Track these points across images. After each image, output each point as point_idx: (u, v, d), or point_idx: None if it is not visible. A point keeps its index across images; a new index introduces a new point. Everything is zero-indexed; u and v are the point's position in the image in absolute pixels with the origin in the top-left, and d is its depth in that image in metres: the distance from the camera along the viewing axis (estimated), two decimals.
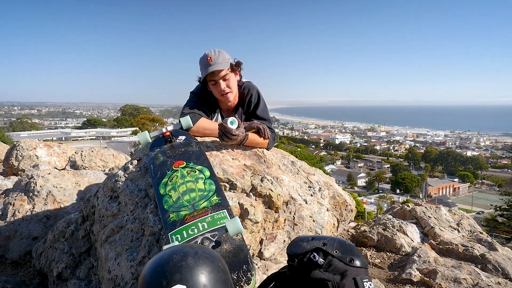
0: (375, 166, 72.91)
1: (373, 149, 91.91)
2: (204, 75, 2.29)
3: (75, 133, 62.49)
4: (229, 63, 2.31)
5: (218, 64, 2.25)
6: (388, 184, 58.11)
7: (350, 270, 1.31)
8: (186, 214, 1.70)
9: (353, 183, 60.07)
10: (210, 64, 2.25)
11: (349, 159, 79.33)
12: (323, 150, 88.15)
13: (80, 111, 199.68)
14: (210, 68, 2.24)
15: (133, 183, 2.12)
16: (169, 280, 0.94)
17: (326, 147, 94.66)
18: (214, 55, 2.27)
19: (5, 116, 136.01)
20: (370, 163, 76.73)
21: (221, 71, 2.27)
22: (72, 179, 3.53)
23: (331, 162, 73.29)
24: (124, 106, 79.78)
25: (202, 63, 2.31)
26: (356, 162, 77.48)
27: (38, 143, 6.58)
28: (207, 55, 2.28)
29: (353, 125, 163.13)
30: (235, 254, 1.50)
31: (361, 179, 62.82)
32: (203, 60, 2.30)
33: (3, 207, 3.18)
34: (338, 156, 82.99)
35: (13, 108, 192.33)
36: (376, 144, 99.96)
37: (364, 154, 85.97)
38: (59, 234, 2.41)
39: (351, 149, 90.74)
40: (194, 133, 2.32)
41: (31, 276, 2.65)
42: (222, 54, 2.31)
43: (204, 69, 2.28)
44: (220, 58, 2.28)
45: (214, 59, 2.26)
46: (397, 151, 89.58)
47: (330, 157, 79.07)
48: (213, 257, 1.05)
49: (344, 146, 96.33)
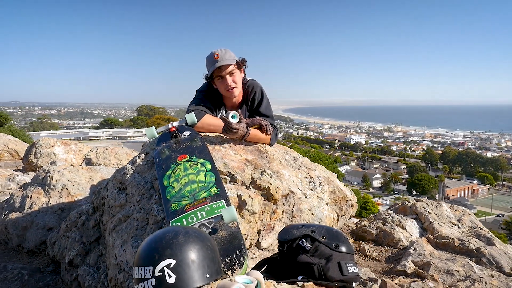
0: (391, 167, 72.04)
1: (389, 149, 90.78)
2: (212, 70, 2.40)
3: (92, 133, 63.70)
4: (235, 60, 2.42)
5: (225, 60, 2.37)
6: (404, 185, 57.33)
7: (335, 255, 1.40)
8: (187, 203, 1.81)
9: (368, 184, 59.49)
10: (217, 61, 2.36)
11: (364, 159, 78.58)
12: (338, 150, 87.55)
13: (98, 111, 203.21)
14: (217, 63, 2.35)
15: (140, 176, 2.24)
16: (160, 255, 1.05)
17: (341, 148, 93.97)
18: (221, 53, 2.39)
19: (26, 116, 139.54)
20: (386, 164, 75.86)
21: (228, 66, 2.38)
22: (85, 174, 3.69)
23: (346, 162, 72.74)
24: (140, 107, 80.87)
25: (209, 60, 2.43)
26: (371, 162, 76.71)
27: (56, 141, 6.83)
28: (214, 53, 2.40)
29: (369, 125, 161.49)
30: (230, 240, 1.60)
31: (376, 180, 62.16)
32: (210, 57, 2.41)
33: (21, 199, 3.36)
34: (353, 156, 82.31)
35: (34, 108, 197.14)
36: (392, 144, 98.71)
37: (380, 155, 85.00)
38: (71, 224, 2.56)
39: (366, 150, 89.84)
40: (199, 129, 2.43)
41: (45, 264, 2.80)
42: (228, 52, 2.43)
43: (212, 65, 2.39)
44: (227, 55, 2.40)
45: (221, 56, 2.37)
46: (414, 152, 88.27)
47: (345, 157, 78.49)
48: (202, 236, 1.15)
49: (359, 146, 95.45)
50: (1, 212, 3.37)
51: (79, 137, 55.25)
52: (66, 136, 48.01)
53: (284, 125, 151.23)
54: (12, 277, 2.57)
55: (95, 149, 6.51)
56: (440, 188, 52.79)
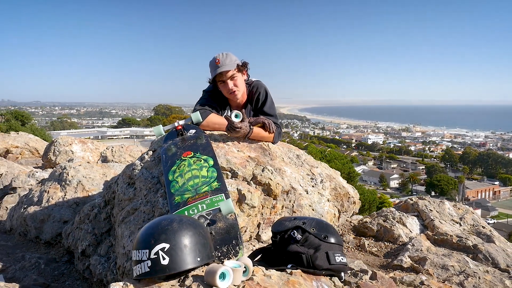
0: (409, 167, 71.02)
1: (407, 150, 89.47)
2: (213, 75, 2.51)
3: (110, 132, 64.91)
4: (235, 64, 2.51)
5: (226, 65, 2.46)
6: (422, 186, 56.40)
7: (324, 245, 1.48)
8: (189, 197, 1.92)
9: (385, 184, 58.77)
10: (219, 66, 2.47)
11: (381, 159, 77.67)
12: (355, 150, 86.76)
13: (116, 110, 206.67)
14: (218, 69, 2.46)
15: (147, 171, 2.37)
16: (156, 240, 1.15)
17: (358, 147, 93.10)
18: (222, 58, 2.49)
19: (46, 115, 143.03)
20: (404, 164, 74.81)
21: (228, 71, 2.48)
22: (100, 171, 3.86)
23: (363, 162, 72.04)
24: (157, 106, 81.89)
25: (211, 65, 2.53)
26: (389, 163, 75.76)
27: (74, 140, 7.08)
28: (215, 58, 2.50)
29: (387, 125, 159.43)
30: (227, 231, 1.70)
31: (394, 181, 61.36)
32: (212, 62, 2.52)
33: (39, 194, 3.54)
34: (370, 156, 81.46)
35: (54, 108, 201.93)
36: (410, 144, 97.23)
37: (398, 155, 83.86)
38: (84, 217, 2.71)
39: (384, 150, 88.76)
40: (204, 127, 2.54)
41: (61, 254, 2.96)
42: (229, 57, 2.52)
43: (213, 70, 2.50)
44: (227, 60, 2.49)
45: (222, 61, 2.47)
46: (433, 152, 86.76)
47: (362, 157, 77.74)
48: (195, 224, 1.26)
49: (376, 146, 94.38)
50: (21, 206, 3.56)
51: (98, 136, 56.38)
52: (85, 135, 49.08)
53: (300, 125, 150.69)
54: (29, 266, 2.74)
55: (111, 147, 6.72)
56: (460, 189, 51.79)
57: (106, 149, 6.65)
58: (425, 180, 57.48)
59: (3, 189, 4.77)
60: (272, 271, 1.37)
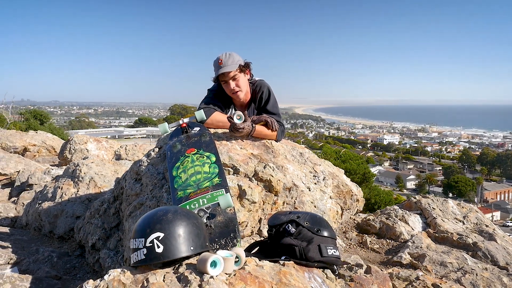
0: (425, 168, 70.00)
1: (423, 150, 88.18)
2: (216, 76, 2.57)
3: (127, 132, 65.86)
4: (237, 64, 2.57)
5: (228, 66, 2.53)
6: (439, 187, 55.50)
7: (316, 238, 1.54)
8: (191, 192, 1.99)
9: (402, 185, 58.03)
10: (221, 66, 2.53)
11: (397, 160, 76.71)
12: (370, 150, 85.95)
13: (133, 110, 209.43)
14: (220, 70, 2.53)
15: (153, 167, 2.45)
16: (151, 229, 1.23)
17: (373, 148, 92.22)
18: (224, 58, 2.55)
19: (65, 115, 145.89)
20: (420, 165, 73.78)
21: (229, 72, 2.54)
22: (111, 168, 3.98)
23: (379, 163, 71.31)
24: (173, 106, 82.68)
25: (215, 65, 2.60)
26: (405, 163, 74.80)
27: (89, 138, 7.26)
28: (218, 58, 2.57)
29: (403, 125, 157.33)
30: (226, 225, 1.77)
31: (410, 181, 60.56)
32: (215, 62, 2.58)
33: (53, 190, 3.67)
34: (386, 157, 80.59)
35: (73, 107, 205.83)
36: (427, 145, 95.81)
37: (414, 156, 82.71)
38: (95, 212, 2.81)
39: (400, 150, 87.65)
40: (208, 125, 2.61)
41: (73, 248, 3.07)
42: (232, 57, 2.58)
43: (216, 70, 2.57)
44: (230, 61, 2.55)
45: (224, 61, 2.54)
46: (450, 153, 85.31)
47: (377, 158, 76.96)
48: (190, 215, 1.32)
49: (392, 147, 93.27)
50: (36, 202, 3.70)
51: (115, 136, 57.22)
52: (102, 135, 49.91)
53: (315, 125, 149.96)
54: (43, 259, 2.85)
55: (125, 146, 6.88)
56: (478, 190, 50.80)
57: (120, 147, 6.80)
58: (442, 181, 56.57)
59: (20, 186, 4.94)
60: (265, 262, 1.43)
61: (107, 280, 1.21)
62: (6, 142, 7.21)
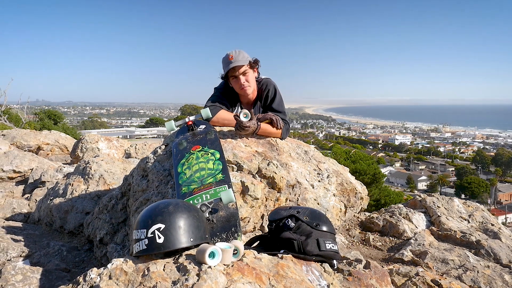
0: (438, 169, 69.13)
1: (436, 151, 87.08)
2: (226, 70, 2.62)
3: (138, 132, 66.48)
4: (247, 60, 2.62)
5: (238, 61, 2.58)
6: (452, 188, 54.72)
7: (315, 232, 1.57)
8: (195, 187, 2.04)
9: (413, 186, 57.39)
10: (231, 62, 2.58)
11: (409, 161, 75.93)
12: (382, 151, 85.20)
13: (144, 110, 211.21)
14: (231, 64, 2.57)
15: (160, 164, 2.51)
16: (153, 220, 1.28)
17: (384, 148, 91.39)
18: (235, 54, 2.60)
19: (78, 115, 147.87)
20: (432, 166, 72.89)
21: (241, 67, 2.59)
22: (120, 166, 4.06)
23: (390, 163, 70.67)
24: (183, 106, 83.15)
25: (224, 61, 2.65)
26: (417, 164, 73.99)
27: (100, 137, 7.39)
28: (228, 54, 2.62)
29: (415, 125, 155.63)
30: (227, 220, 1.81)
31: (421, 182, 59.86)
32: (225, 58, 2.63)
33: (64, 187, 3.76)
34: (397, 157, 79.81)
35: (85, 108, 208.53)
36: (440, 145, 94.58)
37: (426, 156, 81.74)
38: (103, 207, 2.88)
39: (411, 151, 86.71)
40: (214, 123, 2.66)
41: (82, 243, 3.15)
42: (241, 53, 2.63)
43: (226, 66, 2.61)
44: (240, 57, 2.60)
45: (235, 57, 2.59)
46: (463, 154, 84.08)
47: (388, 158, 76.27)
48: (190, 208, 1.37)
49: (404, 147, 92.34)
50: (48, 198, 3.80)
51: (126, 136, 57.81)
52: (113, 135, 50.45)
53: (325, 125, 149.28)
54: (53, 252, 2.94)
55: (135, 145, 6.98)
56: (492, 192, 49.99)
57: (130, 146, 6.91)
58: (454, 182, 55.79)
59: (33, 183, 5.06)
60: (263, 255, 1.47)
61: (110, 268, 1.27)
62: (21, 141, 7.38)
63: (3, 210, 4.22)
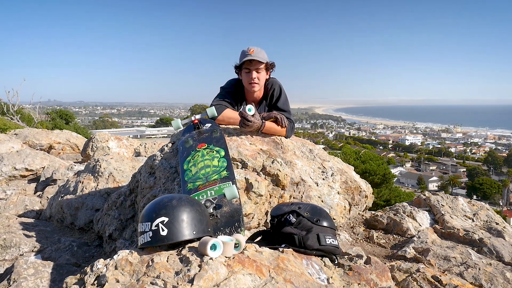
0: (449, 170, 68.39)
1: (447, 151, 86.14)
2: (243, 61, 2.64)
3: (149, 131, 67.00)
4: (265, 60, 2.67)
5: (258, 57, 2.62)
6: (463, 189, 54.09)
7: (316, 228, 1.61)
8: (200, 184, 2.09)
9: (424, 187, 56.83)
10: (251, 55, 2.62)
11: (420, 161, 75.25)
12: (392, 151, 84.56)
13: (154, 110, 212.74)
14: (250, 56, 2.61)
15: (166, 162, 2.57)
16: (157, 214, 1.33)
17: (395, 149, 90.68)
18: (256, 50, 2.66)
19: (89, 115, 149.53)
20: (443, 166, 72.14)
21: (257, 62, 2.63)
22: (129, 164, 4.13)
23: (400, 164, 70.11)
24: (193, 106, 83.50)
25: (243, 53, 2.69)
26: (427, 164, 73.30)
27: (110, 136, 7.51)
28: (250, 48, 2.66)
29: (426, 125, 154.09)
30: (231, 215, 1.86)
31: (432, 183, 59.28)
32: (245, 50, 2.68)
33: (74, 184, 3.85)
34: (407, 158, 79.15)
35: (96, 107, 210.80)
36: (451, 146, 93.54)
37: (437, 157, 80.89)
38: (112, 204, 2.95)
39: (422, 151, 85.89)
40: (219, 121, 2.71)
41: (92, 239, 3.23)
42: (262, 52, 2.69)
43: (244, 56, 2.65)
44: (260, 54, 2.66)
45: (255, 52, 2.64)
46: (475, 154, 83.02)
47: (399, 159, 75.67)
48: (193, 202, 1.42)
49: (414, 147, 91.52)
50: (59, 195, 3.89)
51: (137, 135, 58.29)
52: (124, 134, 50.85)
53: (335, 125, 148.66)
54: (64, 248, 3.02)
55: (144, 144, 7.08)
56: (504, 193, 49.30)
57: (140, 145, 7.01)
58: (466, 183, 55.15)
59: (45, 181, 5.18)
60: (264, 248, 1.51)
61: (116, 259, 1.32)
62: (33, 140, 7.53)
63: (16, 207, 4.33)
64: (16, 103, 15.61)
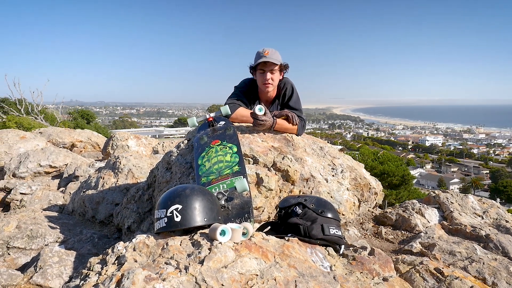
0: (471, 171, 66.87)
1: (469, 152, 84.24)
2: (258, 62, 2.75)
3: (167, 131, 67.93)
4: (280, 62, 2.77)
5: (272, 58, 2.73)
6: (486, 191, 52.76)
7: (320, 218, 1.70)
8: (213, 178, 2.21)
9: (445, 189, 55.57)
10: (266, 56, 2.73)
11: (440, 162, 73.84)
12: (411, 152, 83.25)
13: (172, 110, 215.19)
14: (265, 58, 2.71)
15: (182, 157, 2.70)
16: (172, 201, 1.45)
17: (414, 150, 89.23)
18: (271, 51, 2.76)
19: (109, 115, 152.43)
20: (465, 168, 70.59)
21: (272, 64, 2.74)
22: (148, 161, 4.30)
23: (420, 165, 68.95)
24: (211, 106, 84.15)
25: (258, 54, 2.79)
26: (448, 166, 71.86)
27: (129, 135, 7.73)
28: (265, 49, 2.77)
29: (447, 126, 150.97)
30: (242, 207, 1.97)
31: (454, 185, 58.07)
32: (260, 52, 2.78)
33: (96, 180, 4.04)
34: (428, 159, 77.80)
35: (116, 108, 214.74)
36: (473, 147, 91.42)
37: (459, 158, 79.20)
38: (131, 198, 3.11)
39: (443, 152, 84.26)
40: (233, 119, 2.83)
41: (112, 232, 3.39)
42: (277, 54, 2.79)
43: (259, 58, 2.75)
44: (275, 56, 2.76)
45: (270, 53, 2.74)
46: (498, 156, 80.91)
47: (419, 160, 74.42)
48: (205, 192, 1.54)
49: (435, 148, 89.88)
50: (81, 190, 4.08)
51: (155, 135, 59.16)
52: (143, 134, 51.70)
53: (353, 126, 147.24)
54: (85, 239, 3.19)
55: (162, 143, 7.28)
56: None
57: (158, 144, 7.21)
58: (489, 186, 53.79)
59: (67, 177, 5.41)
60: (271, 237, 1.62)
61: (134, 242, 1.45)
62: (56, 138, 7.83)
63: (41, 202, 4.56)
64: (40, 103, 16.14)
